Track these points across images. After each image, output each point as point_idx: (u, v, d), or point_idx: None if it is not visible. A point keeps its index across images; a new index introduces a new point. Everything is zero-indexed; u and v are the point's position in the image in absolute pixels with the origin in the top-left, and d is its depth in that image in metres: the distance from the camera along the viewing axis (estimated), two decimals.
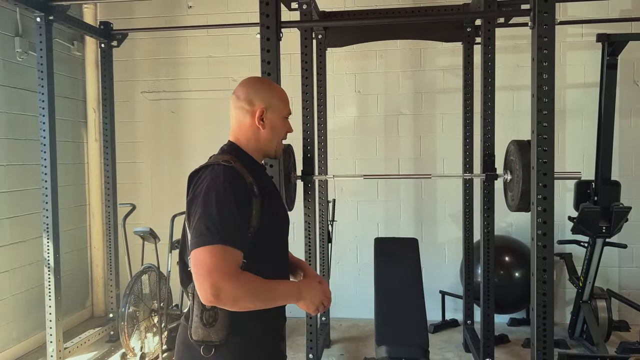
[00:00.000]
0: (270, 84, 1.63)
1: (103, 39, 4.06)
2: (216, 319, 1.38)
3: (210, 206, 1.33)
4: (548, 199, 1.92)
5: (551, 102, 1.91)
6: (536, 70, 1.92)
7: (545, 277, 1.94)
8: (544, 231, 1.94)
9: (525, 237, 4.34)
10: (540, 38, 1.92)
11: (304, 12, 3.06)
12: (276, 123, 1.53)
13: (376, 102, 4.57)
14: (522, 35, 4.31)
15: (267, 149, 1.57)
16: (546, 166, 1.92)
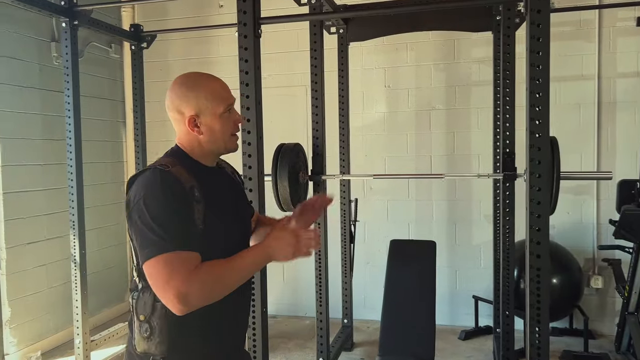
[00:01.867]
0: (197, 83, 1.43)
1: (133, 41, 4.17)
2: (153, 332, 1.33)
3: (150, 214, 1.28)
4: (542, 204, 1.73)
5: (546, 96, 1.71)
6: (529, 62, 1.72)
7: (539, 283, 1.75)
8: (538, 239, 1.74)
9: (566, 240, 4.02)
10: (532, 25, 1.72)
11: (313, 6, 2.96)
12: (213, 124, 1.42)
13: (407, 97, 4.38)
14: (569, 21, 3.97)
15: (215, 150, 1.47)
16: (540, 167, 1.73)
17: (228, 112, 1.45)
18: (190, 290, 1.23)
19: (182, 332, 1.35)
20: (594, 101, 3.97)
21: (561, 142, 4.05)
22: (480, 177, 2.62)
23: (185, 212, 1.31)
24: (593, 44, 3.95)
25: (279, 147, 2.90)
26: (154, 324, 1.32)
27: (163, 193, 1.30)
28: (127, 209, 1.34)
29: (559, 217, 4.11)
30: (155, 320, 1.32)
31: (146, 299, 1.33)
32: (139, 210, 1.29)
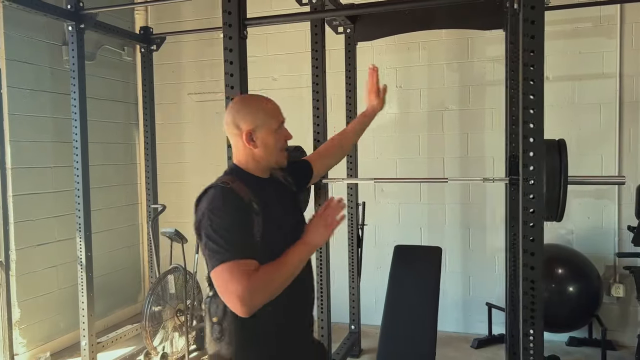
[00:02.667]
0: (253, 103, 1.66)
1: (143, 44, 4.18)
2: (223, 334, 1.49)
3: (214, 227, 1.44)
4: (536, 213, 1.61)
5: (540, 98, 1.60)
6: (522, 61, 1.61)
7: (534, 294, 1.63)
8: (532, 250, 1.63)
9: (586, 246, 3.84)
10: (526, 22, 1.61)
11: (314, 5, 2.89)
12: (266, 139, 1.60)
13: (419, 97, 4.27)
14: (588, 17, 3.80)
15: (267, 163, 1.64)
16: (534, 173, 1.61)
17: (279, 129, 1.65)
18: (250, 295, 1.38)
19: (250, 334, 1.49)
20: (616, 100, 3.78)
21: (581, 143, 3.92)
22: (486, 181, 2.50)
23: (244, 224, 1.48)
24: (614, 41, 3.76)
25: None
26: (225, 327, 1.49)
27: (224, 208, 1.47)
28: (195, 225, 1.51)
29: (579, 222, 3.94)
30: (226, 323, 1.48)
31: (218, 303, 1.49)
32: (204, 225, 1.46)
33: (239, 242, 1.43)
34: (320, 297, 3.06)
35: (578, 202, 3.91)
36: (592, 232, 3.89)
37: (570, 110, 3.88)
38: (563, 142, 2.50)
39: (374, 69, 2.18)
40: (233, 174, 1.60)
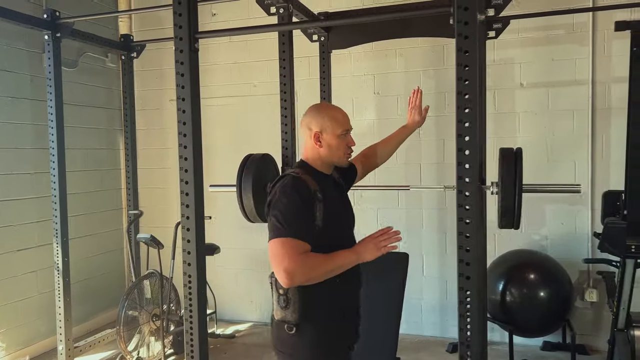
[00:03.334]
0: (325, 109, 1.95)
1: (123, 51, 4.24)
2: (288, 303, 1.73)
3: (280, 207, 1.69)
4: (471, 224, 1.65)
5: (474, 112, 1.63)
6: (456, 75, 1.65)
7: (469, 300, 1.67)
8: (468, 261, 1.67)
9: (560, 251, 3.88)
10: (459, 37, 1.64)
11: (282, 15, 2.94)
12: (331, 141, 1.86)
13: (396, 103, 4.31)
14: (558, 24, 3.84)
15: (329, 161, 1.91)
16: (468, 186, 1.65)
17: (344, 135, 1.90)
18: (295, 270, 1.61)
19: (311, 304, 1.73)
20: (588, 107, 3.82)
21: (555, 149, 3.96)
22: (446, 189, 2.53)
23: (307, 209, 1.71)
24: (586, 48, 3.80)
25: (245, 158, 2.88)
26: (289, 297, 1.72)
27: (292, 193, 1.72)
28: (267, 203, 1.78)
29: (553, 228, 3.97)
30: (290, 293, 1.72)
31: None
32: (274, 205, 1.72)
33: (298, 224, 1.67)
34: None
35: (552, 209, 3.95)
36: (566, 237, 3.93)
37: (544, 116, 3.92)
38: (519, 151, 2.54)
39: (419, 90, 2.47)
40: (302, 167, 1.87)
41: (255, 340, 4.38)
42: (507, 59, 3.99)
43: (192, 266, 2.00)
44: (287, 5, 2.93)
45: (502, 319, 3.62)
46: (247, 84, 4.69)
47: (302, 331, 1.74)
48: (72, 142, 4.37)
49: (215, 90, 4.85)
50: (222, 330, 4.53)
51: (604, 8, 3.64)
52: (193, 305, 2.01)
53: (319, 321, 1.77)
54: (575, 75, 3.84)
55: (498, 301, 3.60)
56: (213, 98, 4.86)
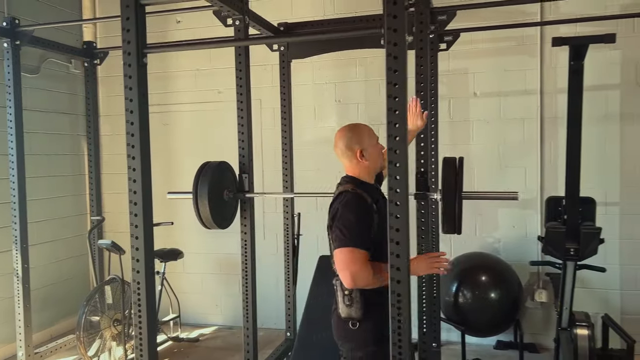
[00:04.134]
0: (356, 129, 2.19)
1: (85, 58, 4.26)
2: (353, 302, 2.02)
3: (344, 221, 1.95)
4: (401, 231, 1.76)
5: (403, 128, 1.75)
6: (386, 93, 1.76)
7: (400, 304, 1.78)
8: (398, 266, 1.78)
9: (512, 254, 4.05)
10: (389, 57, 1.76)
11: (237, 27, 3.03)
12: (372, 152, 2.14)
13: (357, 111, 4.44)
14: (509, 36, 4.01)
15: (375, 170, 2.21)
16: (398, 196, 1.76)
17: (377, 143, 2.20)
18: (358, 274, 1.90)
19: (371, 302, 2.02)
20: (537, 116, 3.99)
21: (506, 156, 4.13)
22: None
23: (365, 221, 1.98)
24: (535, 59, 3.97)
25: (201, 166, 2.95)
26: (353, 297, 2.02)
27: (353, 207, 1.98)
28: (330, 217, 2.06)
29: (505, 231, 4.14)
30: (354, 294, 2.01)
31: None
32: (338, 219, 1.98)
33: (360, 235, 1.93)
34: (245, 307, 3.19)
35: (505, 212, 4.12)
36: (518, 240, 4.09)
37: (496, 124, 4.09)
38: (461, 160, 2.67)
39: (417, 99, 2.70)
40: (352, 182, 2.11)
41: (219, 343, 4.44)
42: (461, 69, 4.14)
43: (140, 273, 2.06)
44: (243, 17, 3.02)
45: (455, 320, 3.76)
46: (212, 90, 4.76)
47: (364, 325, 2.04)
48: (35, 148, 4.39)
49: (180, 97, 4.91)
50: (186, 334, 4.57)
51: (551, 23, 3.82)
52: (142, 311, 2.08)
53: (376, 317, 2.04)
54: (525, 86, 4.01)
55: (452, 302, 3.75)
56: (179, 104, 4.93)
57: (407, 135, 1.79)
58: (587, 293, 3.98)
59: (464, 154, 4.11)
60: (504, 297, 3.69)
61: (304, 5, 4.49)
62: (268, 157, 4.59)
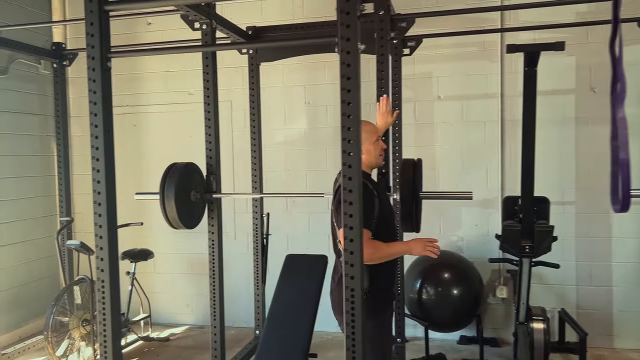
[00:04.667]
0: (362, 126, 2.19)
1: (54, 59, 4.27)
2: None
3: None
4: (354, 229, 1.86)
5: (357, 132, 1.84)
6: (340, 99, 1.86)
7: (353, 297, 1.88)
8: (352, 262, 1.88)
9: (474, 251, 4.19)
10: (343, 65, 1.86)
11: (205, 31, 3.09)
12: (369, 148, 2.43)
13: (325, 113, 4.53)
14: (472, 42, 4.15)
15: (370, 164, 2.51)
16: (351, 196, 1.86)
17: (377, 141, 2.50)
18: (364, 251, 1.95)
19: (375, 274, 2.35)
20: (498, 119, 4.14)
21: (469, 157, 4.27)
22: None
23: (369, 204, 2.27)
24: (496, 64, 4.13)
25: (168, 167, 3.01)
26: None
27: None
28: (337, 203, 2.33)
29: (468, 230, 4.28)
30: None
31: None
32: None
33: (365, 216, 2.01)
34: (213, 305, 3.25)
35: (467, 211, 4.26)
36: (480, 238, 4.24)
37: (459, 126, 4.23)
38: (419, 162, 2.80)
39: (386, 98, 2.90)
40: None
41: (190, 342, 4.49)
42: (426, 73, 4.27)
43: (105, 272, 2.12)
44: (210, 21, 3.09)
45: (419, 316, 3.88)
46: (183, 91, 4.80)
47: (371, 294, 2.34)
48: (4, 149, 4.38)
49: (151, 98, 4.94)
50: (157, 333, 4.61)
51: (510, 30, 3.98)
52: (106, 310, 2.13)
53: (380, 286, 2.39)
54: (486, 90, 4.16)
55: (416, 299, 3.87)
56: (149, 105, 4.96)
57: (360, 138, 1.89)
58: (545, 289, 4.15)
59: (429, 155, 4.30)
60: (465, 294, 3.83)
61: (273, 9, 4.57)
62: (239, 158, 4.65)
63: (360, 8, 1.90)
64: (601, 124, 3.97)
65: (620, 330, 4.01)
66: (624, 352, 3.97)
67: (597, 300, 4.06)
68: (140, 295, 4.45)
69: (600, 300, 4.05)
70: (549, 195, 3.42)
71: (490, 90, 4.15)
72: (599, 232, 4.01)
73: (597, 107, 3.97)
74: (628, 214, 3.91)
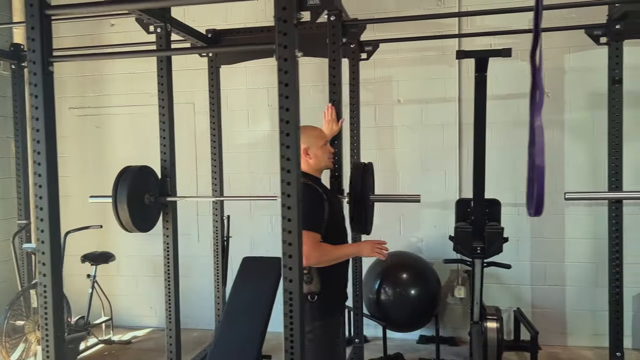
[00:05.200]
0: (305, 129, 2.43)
1: (13, 60, 4.22)
2: (312, 278, 2.41)
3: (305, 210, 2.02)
4: (292, 233, 1.90)
5: (295, 137, 1.88)
6: (278, 104, 1.90)
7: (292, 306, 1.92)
8: (290, 265, 1.91)
9: (433, 252, 4.27)
10: (280, 72, 1.90)
11: (159, 35, 3.09)
12: (316, 152, 2.52)
13: None
14: (431, 46, 4.23)
15: (319, 168, 2.57)
16: (289, 200, 1.90)
17: (325, 145, 2.58)
18: (310, 254, 2.26)
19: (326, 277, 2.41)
20: (456, 122, 4.23)
21: (428, 160, 4.34)
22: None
23: (316, 208, 2.37)
24: (454, 69, 4.21)
25: (122, 170, 3.00)
26: (312, 275, 2.40)
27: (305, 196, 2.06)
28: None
29: (427, 231, 4.36)
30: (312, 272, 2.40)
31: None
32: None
33: (312, 220, 2.28)
34: (168, 308, 3.26)
35: (427, 213, 4.34)
36: (439, 239, 4.31)
37: (419, 130, 4.30)
38: (369, 165, 2.85)
39: (332, 106, 3.02)
40: (306, 177, 2.37)
41: (152, 345, 4.48)
42: (386, 76, 4.34)
43: (47, 277, 2.11)
44: (165, 25, 3.09)
45: (377, 316, 3.94)
46: (145, 93, 4.77)
47: (322, 297, 2.41)
48: None
49: (115, 100, 4.91)
50: (119, 336, 4.58)
51: (466, 35, 4.07)
52: (48, 314, 2.13)
53: (330, 288, 2.44)
54: (445, 93, 4.24)
55: (374, 299, 3.93)
56: (112, 107, 4.93)
57: (299, 143, 1.93)
58: (502, 288, 4.25)
59: (389, 158, 4.37)
60: (422, 294, 3.90)
61: (238, 12, 4.58)
62: (202, 160, 4.65)
63: (298, 16, 1.94)
64: (554, 127, 4.09)
65: (572, 328, 4.14)
66: (576, 350, 4.09)
67: (551, 299, 4.17)
68: (102, 298, 4.42)
69: (554, 299, 4.17)
70: (505, 198, 3.51)
71: (448, 94, 4.24)
72: (552, 233, 4.13)
73: (551, 112, 4.09)
74: (580, 215, 4.05)
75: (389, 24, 4.06)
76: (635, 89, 3.89)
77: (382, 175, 4.37)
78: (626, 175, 3.45)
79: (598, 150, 3.93)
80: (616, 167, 3.42)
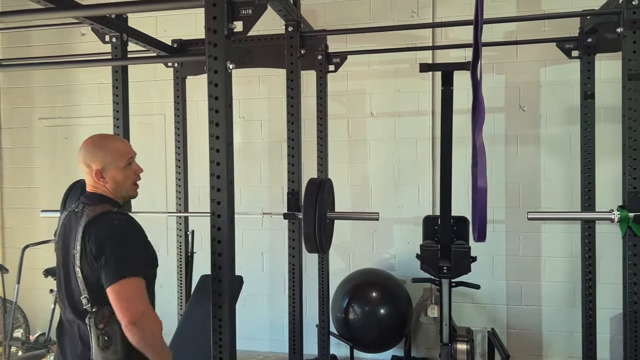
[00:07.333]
0: (103, 142, 1.84)
1: None
2: (110, 344, 1.67)
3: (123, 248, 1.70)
4: (224, 255, 1.79)
5: (225, 152, 1.79)
6: (208, 118, 1.80)
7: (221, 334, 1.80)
8: (220, 278, 1.80)
9: (406, 269, 4.15)
10: (210, 85, 1.80)
11: (115, 45, 3.00)
12: (116, 175, 1.81)
13: (260, 128, 4.47)
14: (404, 59, 4.14)
15: (119, 195, 1.85)
16: (219, 221, 1.79)
17: (129, 165, 1.85)
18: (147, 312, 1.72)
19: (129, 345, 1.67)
20: (429, 136, 4.13)
21: (401, 174, 4.24)
22: (265, 214, 2.68)
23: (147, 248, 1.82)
24: (427, 82, 4.11)
25: (72, 184, 2.91)
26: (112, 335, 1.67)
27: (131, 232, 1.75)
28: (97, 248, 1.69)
29: (400, 248, 4.24)
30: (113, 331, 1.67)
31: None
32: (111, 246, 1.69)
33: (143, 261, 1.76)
34: None
35: (399, 229, 4.22)
36: (412, 256, 4.13)
37: (392, 143, 4.20)
38: (326, 181, 2.74)
39: None
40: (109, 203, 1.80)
41: None
42: (359, 89, 4.24)
43: None
44: (121, 35, 3.00)
45: (346, 336, 3.81)
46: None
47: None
48: None
49: (85, 110, 4.82)
50: None
51: (439, 47, 3.98)
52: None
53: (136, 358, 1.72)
54: (418, 107, 4.14)
55: (342, 318, 3.80)
56: (83, 117, 4.83)
57: (231, 160, 1.82)
58: (477, 308, 4.12)
59: (362, 171, 4.26)
60: (392, 313, 3.77)
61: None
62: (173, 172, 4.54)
63: (230, 27, 1.84)
64: (530, 142, 3.99)
65: (548, 350, 4.00)
66: None
67: (527, 320, 4.04)
68: None
69: (529, 319, 4.04)
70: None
71: (421, 108, 4.14)
72: (528, 251, 4.01)
73: (526, 126, 3.99)
74: (557, 233, 3.93)
75: (362, 36, 3.98)
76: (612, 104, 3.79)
77: (354, 190, 4.28)
78: (607, 193, 3.35)
79: (574, 166, 3.82)
80: (589, 184, 3.31)
